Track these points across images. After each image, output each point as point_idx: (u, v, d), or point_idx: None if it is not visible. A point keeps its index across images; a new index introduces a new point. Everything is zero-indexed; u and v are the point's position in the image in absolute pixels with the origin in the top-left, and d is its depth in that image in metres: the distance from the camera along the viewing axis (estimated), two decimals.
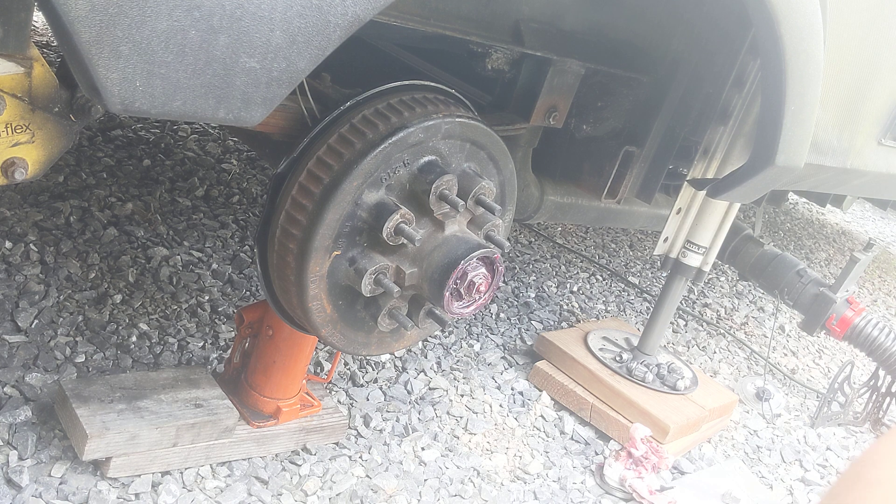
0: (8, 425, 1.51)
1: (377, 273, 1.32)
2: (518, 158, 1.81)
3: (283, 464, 1.68)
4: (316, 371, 1.99)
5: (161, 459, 1.51)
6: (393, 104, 1.32)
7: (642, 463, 2.00)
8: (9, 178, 1.05)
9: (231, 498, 1.54)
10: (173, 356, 1.87)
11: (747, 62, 1.83)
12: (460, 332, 2.43)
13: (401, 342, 1.54)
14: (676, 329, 3.05)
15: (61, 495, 1.42)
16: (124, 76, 0.86)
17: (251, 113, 0.99)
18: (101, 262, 2.10)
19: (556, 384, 2.26)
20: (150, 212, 2.41)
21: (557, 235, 3.53)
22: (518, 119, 1.69)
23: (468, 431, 2.01)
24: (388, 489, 1.72)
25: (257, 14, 0.91)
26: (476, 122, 1.39)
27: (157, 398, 1.53)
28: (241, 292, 2.22)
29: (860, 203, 6.14)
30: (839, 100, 1.80)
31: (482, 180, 1.38)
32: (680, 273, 2.25)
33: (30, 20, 1.00)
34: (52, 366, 1.70)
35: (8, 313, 1.80)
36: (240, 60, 0.93)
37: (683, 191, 2.10)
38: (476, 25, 1.46)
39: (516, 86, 1.69)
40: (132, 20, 0.83)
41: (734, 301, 3.56)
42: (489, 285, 1.39)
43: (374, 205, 1.30)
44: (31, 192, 2.28)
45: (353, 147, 1.27)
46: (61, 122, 1.07)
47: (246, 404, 1.67)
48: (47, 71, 1.03)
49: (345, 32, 0.99)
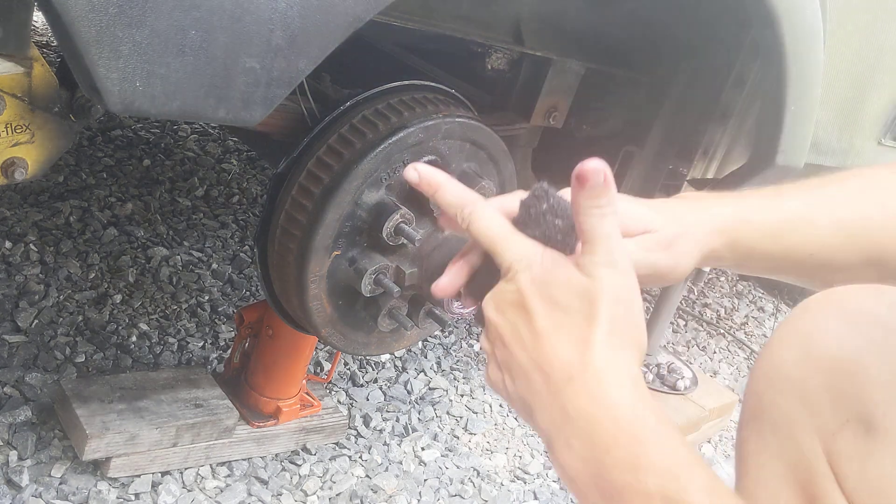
0: (8, 425, 1.51)
1: (377, 273, 1.32)
2: (518, 158, 1.81)
3: (283, 464, 1.68)
4: (316, 371, 1.99)
5: (161, 459, 1.51)
6: (393, 104, 1.32)
7: None
8: (9, 178, 1.05)
9: (231, 498, 1.54)
10: (173, 356, 1.87)
11: (747, 62, 1.82)
12: (460, 332, 2.43)
13: (401, 342, 1.54)
14: (676, 329, 3.05)
15: (61, 495, 1.42)
16: (124, 76, 0.86)
17: (251, 113, 0.99)
18: (101, 262, 2.10)
19: None
20: (150, 212, 2.41)
21: None
22: (518, 119, 1.69)
23: (468, 431, 2.01)
24: (388, 489, 1.71)
25: (257, 14, 0.91)
26: (476, 122, 1.39)
27: (157, 398, 1.53)
28: (241, 292, 2.22)
29: None
30: (839, 100, 1.80)
31: (482, 180, 1.38)
32: None
33: (30, 20, 1.00)
34: (52, 366, 1.70)
35: (8, 313, 1.80)
36: (240, 60, 0.93)
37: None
38: (476, 25, 1.46)
39: (516, 86, 1.69)
40: (132, 20, 0.83)
41: (734, 301, 3.56)
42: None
43: (375, 205, 1.30)
44: (31, 192, 2.28)
45: (353, 147, 1.27)
46: (61, 122, 1.07)
47: (246, 404, 1.67)
48: (47, 71, 1.03)
49: (345, 32, 0.99)
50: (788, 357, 0.75)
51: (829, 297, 0.77)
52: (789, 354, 0.75)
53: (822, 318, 0.75)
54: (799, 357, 0.74)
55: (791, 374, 0.73)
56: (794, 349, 0.74)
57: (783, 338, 0.77)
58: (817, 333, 0.74)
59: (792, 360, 0.74)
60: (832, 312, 0.75)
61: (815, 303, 0.78)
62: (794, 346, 0.75)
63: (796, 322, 0.77)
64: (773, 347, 0.78)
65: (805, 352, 0.73)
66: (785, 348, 0.76)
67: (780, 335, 0.78)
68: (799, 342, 0.75)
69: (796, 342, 0.75)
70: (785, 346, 0.76)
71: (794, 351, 0.74)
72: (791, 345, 0.75)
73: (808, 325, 0.76)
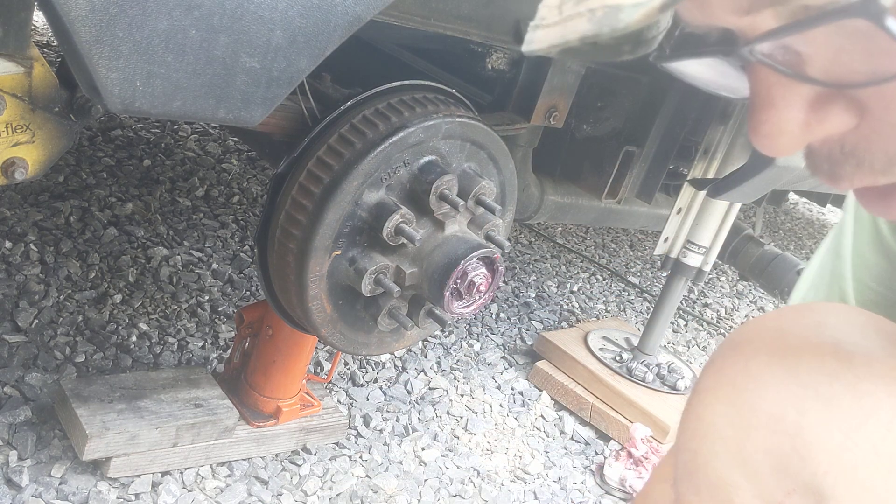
0: (8, 425, 1.51)
1: (377, 273, 1.32)
2: (518, 158, 1.81)
3: (283, 464, 1.68)
4: (316, 371, 1.99)
5: (161, 459, 1.51)
6: (393, 104, 1.32)
7: (643, 463, 2.00)
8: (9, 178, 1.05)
9: (231, 498, 1.54)
10: (173, 356, 1.87)
11: None
12: (460, 332, 2.43)
13: (401, 342, 1.54)
14: (676, 329, 3.05)
15: (61, 495, 1.42)
16: (124, 76, 0.86)
17: (251, 113, 0.99)
18: (101, 262, 2.10)
19: (557, 384, 2.26)
20: (150, 212, 2.41)
21: (557, 235, 3.53)
22: (518, 119, 1.69)
23: (468, 431, 2.01)
24: (389, 489, 1.71)
25: (258, 14, 0.91)
26: (476, 122, 1.39)
27: (157, 398, 1.53)
28: (241, 292, 2.22)
29: None
30: None
31: (482, 180, 1.38)
32: (680, 273, 2.25)
33: (30, 20, 1.00)
34: (52, 366, 1.70)
35: (8, 313, 1.80)
36: (240, 60, 0.93)
37: (684, 191, 2.10)
38: (476, 25, 1.46)
39: (516, 86, 1.69)
40: (132, 20, 0.83)
41: (734, 301, 3.56)
42: (489, 285, 1.39)
43: (375, 205, 1.30)
44: (31, 191, 2.28)
45: (353, 147, 1.27)
46: (61, 122, 1.07)
47: (246, 404, 1.67)
48: (47, 71, 1.03)
49: (345, 32, 0.99)
50: (720, 412, 0.64)
51: (762, 329, 0.67)
52: (721, 409, 0.64)
53: (756, 362, 0.63)
54: (732, 413, 0.63)
55: (725, 434, 0.63)
56: (725, 403, 0.64)
57: (713, 387, 0.66)
58: (751, 384, 0.62)
59: (725, 417, 0.63)
60: (767, 353, 0.63)
61: (748, 340, 0.66)
62: (725, 400, 0.64)
63: (726, 366, 0.66)
64: (703, 398, 0.66)
65: (738, 407, 0.62)
66: (715, 401, 0.65)
67: (710, 382, 0.66)
68: (731, 395, 0.63)
69: (727, 395, 0.64)
70: (715, 399, 0.65)
71: (725, 406, 0.64)
72: (721, 397, 0.64)
73: (739, 372, 0.64)
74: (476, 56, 1.61)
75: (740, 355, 0.65)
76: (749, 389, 0.63)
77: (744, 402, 0.62)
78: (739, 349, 0.66)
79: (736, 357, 0.66)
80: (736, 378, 0.64)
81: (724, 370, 0.66)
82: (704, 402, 0.66)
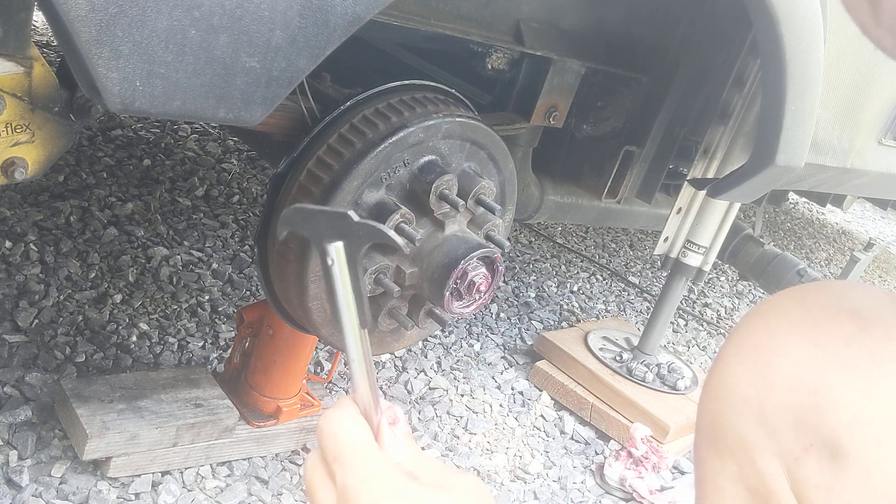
0: (8, 425, 1.51)
1: (377, 273, 1.32)
2: (518, 158, 1.81)
3: (283, 464, 1.68)
4: (316, 371, 1.99)
5: (161, 459, 1.51)
6: (393, 104, 1.32)
7: (642, 463, 2.00)
8: (9, 178, 1.05)
9: (231, 498, 1.54)
10: (173, 356, 1.87)
11: (747, 62, 1.83)
12: (460, 332, 2.43)
13: (401, 342, 1.54)
14: (676, 329, 3.05)
15: (61, 495, 1.42)
16: (124, 76, 0.85)
17: (251, 113, 0.99)
18: (101, 262, 2.10)
19: (557, 384, 2.26)
20: (150, 211, 2.41)
21: (557, 235, 3.53)
22: (518, 119, 1.69)
23: (468, 431, 2.01)
24: None
25: (257, 14, 0.91)
26: (476, 122, 1.39)
27: (157, 398, 1.53)
28: (241, 292, 2.22)
29: (860, 203, 6.14)
30: (839, 99, 1.80)
31: (482, 180, 1.38)
32: (680, 273, 2.25)
33: (30, 20, 1.00)
34: (52, 366, 1.70)
35: (8, 313, 1.80)
36: (240, 60, 0.93)
37: (683, 191, 2.10)
38: (476, 25, 1.46)
39: (516, 85, 1.69)
40: (132, 20, 0.83)
41: (734, 301, 3.56)
42: (489, 285, 1.39)
43: (374, 204, 1.30)
44: (31, 191, 2.28)
45: (353, 147, 1.27)
46: (61, 121, 1.07)
47: (246, 404, 1.67)
48: (47, 71, 1.03)
49: (345, 32, 0.99)
50: (743, 374, 0.68)
51: (786, 300, 0.70)
52: (744, 371, 0.68)
53: (779, 328, 0.67)
54: (754, 374, 0.67)
55: (747, 394, 0.67)
56: (748, 365, 0.68)
57: (737, 351, 0.70)
58: (773, 347, 0.67)
59: (747, 378, 0.67)
60: (790, 321, 0.67)
61: (771, 309, 0.70)
62: (748, 362, 0.68)
63: (750, 333, 0.70)
64: (727, 362, 0.70)
65: (761, 369, 0.67)
66: (739, 364, 0.69)
67: (734, 348, 0.71)
68: (754, 358, 0.68)
69: (751, 357, 0.68)
70: (739, 362, 0.69)
71: (748, 367, 0.68)
72: (745, 360, 0.68)
73: (762, 337, 0.68)
74: (476, 56, 1.61)
75: (764, 323, 0.69)
76: (771, 352, 0.67)
77: (766, 364, 0.66)
78: (763, 318, 0.70)
79: (759, 324, 0.70)
80: (759, 343, 0.68)
81: (748, 337, 0.70)
82: (729, 366, 0.70)
